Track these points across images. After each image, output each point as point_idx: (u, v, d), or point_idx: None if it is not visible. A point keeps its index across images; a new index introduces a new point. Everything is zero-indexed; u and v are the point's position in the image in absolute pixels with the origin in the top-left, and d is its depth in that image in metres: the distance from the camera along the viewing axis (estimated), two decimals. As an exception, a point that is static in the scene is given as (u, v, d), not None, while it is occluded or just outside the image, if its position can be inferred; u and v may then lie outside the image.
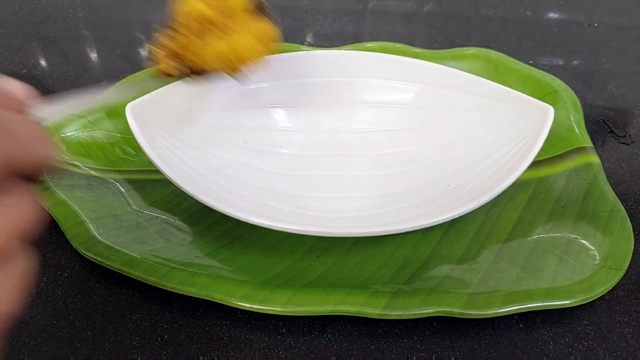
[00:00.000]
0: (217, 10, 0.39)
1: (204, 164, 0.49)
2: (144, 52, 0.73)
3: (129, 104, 0.46)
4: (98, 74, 0.69)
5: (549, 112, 0.47)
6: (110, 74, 0.69)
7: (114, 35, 0.76)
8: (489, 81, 0.52)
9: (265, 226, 0.41)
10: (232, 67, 0.41)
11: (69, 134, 0.53)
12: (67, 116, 0.53)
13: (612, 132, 0.60)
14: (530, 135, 0.47)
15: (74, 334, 0.41)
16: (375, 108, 0.55)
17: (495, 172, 0.46)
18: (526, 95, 0.49)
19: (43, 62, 0.71)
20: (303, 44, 0.70)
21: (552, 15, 0.83)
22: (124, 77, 0.59)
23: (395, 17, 0.82)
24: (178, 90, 0.50)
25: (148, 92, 0.47)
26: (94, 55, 0.72)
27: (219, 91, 0.53)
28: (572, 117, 0.56)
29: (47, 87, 0.66)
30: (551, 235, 0.46)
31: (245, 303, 0.40)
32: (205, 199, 0.42)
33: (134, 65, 0.70)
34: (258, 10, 0.42)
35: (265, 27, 0.42)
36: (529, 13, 0.84)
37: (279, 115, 0.55)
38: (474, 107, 0.52)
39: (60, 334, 0.41)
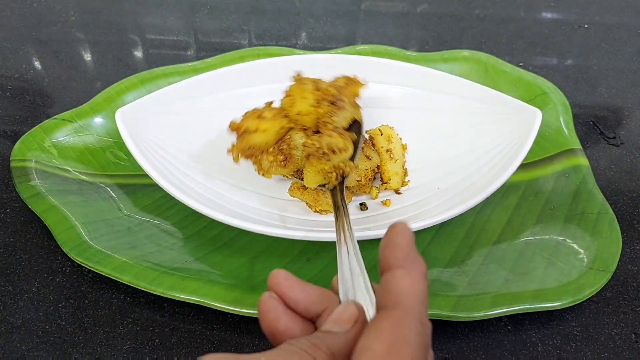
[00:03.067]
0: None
1: (194, 168, 0.49)
2: (136, 54, 0.73)
3: (119, 109, 0.47)
4: (91, 76, 0.69)
5: (537, 115, 0.47)
6: (103, 76, 0.69)
7: (106, 38, 0.76)
8: (478, 84, 0.52)
9: (255, 231, 0.42)
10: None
11: (60, 139, 0.53)
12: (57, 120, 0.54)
13: (601, 133, 0.61)
14: (519, 138, 0.47)
15: (65, 338, 0.41)
16: (364, 111, 0.55)
17: (484, 175, 0.47)
18: (514, 99, 0.50)
19: (36, 65, 0.71)
20: (295, 47, 0.70)
21: (543, 16, 0.84)
22: (117, 80, 0.59)
23: (388, 19, 0.82)
24: (168, 96, 0.51)
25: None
26: (86, 58, 0.72)
27: (208, 95, 0.53)
28: (561, 119, 0.57)
29: (40, 90, 0.66)
30: (540, 237, 0.47)
31: (235, 307, 0.40)
32: (194, 205, 0.42)
33: (126, 67, 0.70)
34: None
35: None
36: (520, 14, 0.84)
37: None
38: (463, 110, 0.53)
39: (51, 338, 0.41)
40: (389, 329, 0.22)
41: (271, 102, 0.46)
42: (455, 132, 0.52)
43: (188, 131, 0.51)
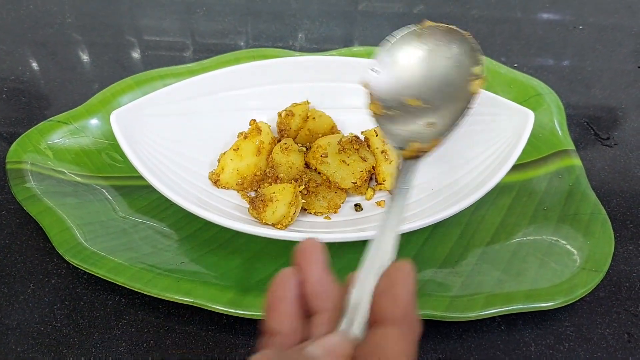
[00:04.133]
0: None
1: (189, 170, 0.50)
2: (133, 56, 0.73)
3: (114, 112, 0.47)
4: (87, 78, 0.69)
5: (530, 116, 0.47)
6: (99, 78, 0.69)
7: (102, 40, 0.76)
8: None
9: (249, 232, 0.42)
10: None
11: (55, 141, 0.54)
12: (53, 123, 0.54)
13: (596, 134, 0.61)
14: (511, 139, 0.47)
15: (60, 340, 0.41)
16: (355, 113, 0.55)
17: (477, 176, 0.47)
18: (507, 100, 0.50)
19: (32, 67, 0.71)
20: (291, 48, 0.70)
21: (539, 17, 0.84)
22: (113, 82, 0.59)
23: (384, 20, 0.83)
24: (162, 98, 0.51)
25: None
26: (83, 60, 0.73)
27: (203, 97, 0.53)
28: (555, 120, 0.57)
29: (36, 92, 0.66)
30: (533, 238, 0.47)
31: (230, 308, 0.41)
32: (189, 206, 0.42)
33: (123, 69, 0.70)
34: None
35: None
36: (517, 14, 0.84)
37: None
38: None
39: (47, 340, 0.41)
40: None
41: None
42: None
43: (183, 133, 0.52)
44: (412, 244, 0.47)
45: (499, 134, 0.49)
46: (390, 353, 0.22)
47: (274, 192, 0.46)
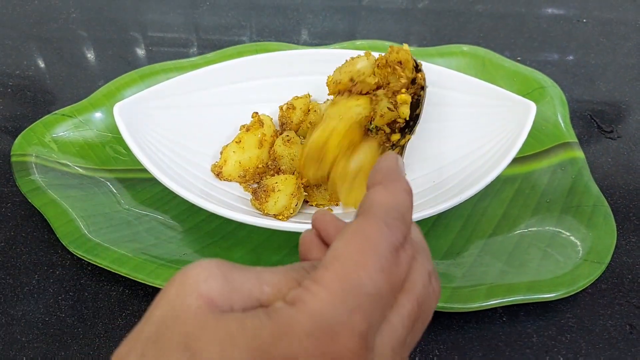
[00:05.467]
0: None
1: (192, 162, 0.50)
2: (137, 51, 0.74)
3: (117, 104, 0.47)
4: (91, 73, 0.69)
5: (531, 108, 0.47)
6: (103, 73, 0.69)
7: (106, 35, 0.77)
8: (473, 78, 0.52)
9: (252, 224, 0.42)
10: None
11: (60, 134, 0.54)
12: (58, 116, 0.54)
13: (599, 127, 0.61)
14: (514, 131, 0.47)
15: (64, 330, 0.42)
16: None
17: (479, 168, 0.47)
18: (509, 92, 0.50)
19: (37, 62, 0.71)
20: (294, 43, 0.70)
21: (542, 11, 0.84)
22: (117, 76, 0.60)
23: (387, 15, 0.83)
24: (166, 91, 0.51)
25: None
26: (87, 55, 0.73)
27: (206, 90, 0.54)
28: (558, 112, 0.57)
29: (41, 87, 0.66)
30: (536, 229, 0.47)
31: (232, 299, 0.41)
32: (192, 198, 0.43)
33: (127, 64, 0.70)
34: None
35: None
36: (520, 9, 0.84)
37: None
38: (458, 104, 0.53)
39: (51, 330, 0.42)
40: (351, 230, 0.22)
41: None
42: (451, 126, 0.52)
43: (186, 125, 0.52)
44: (414, 236, 0.47)
45: (501, 125, 0.49)
46: (369, 199, 0.24)
47: (277, 182, 0.46)
